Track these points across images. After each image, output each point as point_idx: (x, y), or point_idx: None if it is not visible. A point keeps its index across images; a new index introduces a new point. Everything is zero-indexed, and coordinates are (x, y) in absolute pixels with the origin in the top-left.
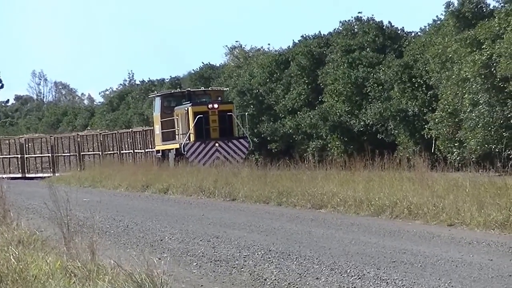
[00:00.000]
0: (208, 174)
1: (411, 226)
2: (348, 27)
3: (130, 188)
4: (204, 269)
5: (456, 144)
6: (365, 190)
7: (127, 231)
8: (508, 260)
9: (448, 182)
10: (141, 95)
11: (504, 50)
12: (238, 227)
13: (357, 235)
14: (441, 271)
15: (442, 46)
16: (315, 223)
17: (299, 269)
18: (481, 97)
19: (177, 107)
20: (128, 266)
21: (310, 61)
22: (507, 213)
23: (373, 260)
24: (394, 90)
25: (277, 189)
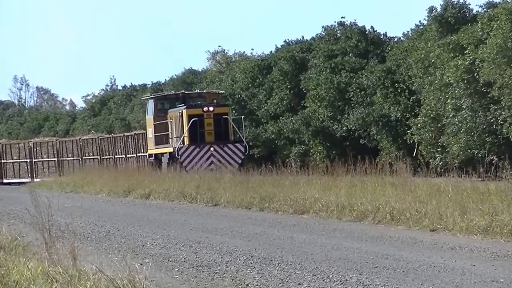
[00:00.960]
0: (190, 179)
1: (394, 232)
2: (331, 32)
3: (111, 194)
4: (186, 275)
5: (439, 149)
6: (348, 196)
7: (108, 236)
8: (491, 266)
9: (431, 188)
10: (123, 101)
11: (487, 55)
12: (220, 232)
13: (339, 241)
14: (423, 276)
15: (424, 51)
16: (298, 228)
17: (281, 275)
18: (464, 102)
19: (171, 109)
20: (110, 271)
21: (292, 66)
22: (490, 218)
23: (355, 266)
24: (377, 95)
25: (259, 194)
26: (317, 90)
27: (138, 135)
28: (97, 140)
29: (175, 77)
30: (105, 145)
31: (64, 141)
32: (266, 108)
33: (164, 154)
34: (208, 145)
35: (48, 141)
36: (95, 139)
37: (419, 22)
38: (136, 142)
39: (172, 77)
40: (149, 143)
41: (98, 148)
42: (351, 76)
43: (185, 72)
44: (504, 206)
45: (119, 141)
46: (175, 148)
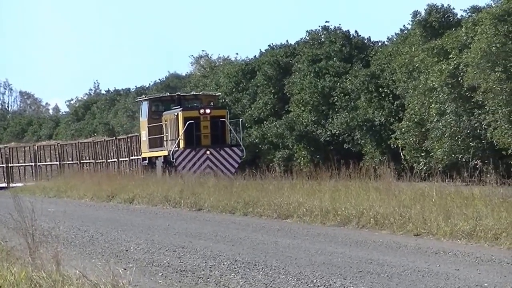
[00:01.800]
0: (174, 184)
1: (378, 236)
2: (315, 36)
3: (95, 198)
4: (170, 280)
5: (423, 154)
6: (332, 200)
7: (92, 241)
8: (475, 270)
9: (415, 192)
10: (106, 105)
11: (471, 59)
12: (204, 237)
13: (323, 245)
14: (407, 281)
15: (409, 55)
16: (281, 233)
17: (265, 279)
18: (448, 107)
19: (166, 112)
20: (93, 276)
21: (276, 70)
22: (474, 223)
23: (339, 270)
24: (361, 99)
25: (243, 199)
26: (301, 94)
27: (132, 138)
28: (79, 144)
29: (159, 82)
30: (98, 149)
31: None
32: (250, 112)
33: (159, 158)
34: (204, 148)
35: (24, 146)
36: (90, 143)
37: (403, 27)
38: (130, 145)
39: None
40: (142, 146)
41: (92, 151)
42: (335, 81)
43: (169, 76)
44: (488, 210)
45: (111, 145)
46: (170, 152)
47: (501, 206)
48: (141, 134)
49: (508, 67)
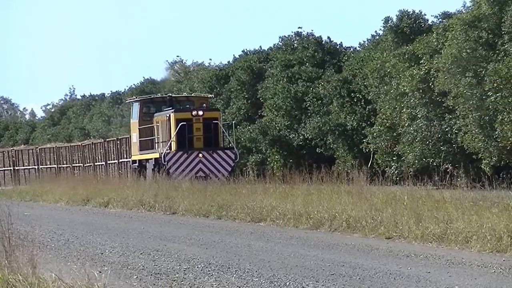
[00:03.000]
0: (148, 188)
1: (350, 239)
2: (288, 42)
3: (71, 202)
4: (145, 282)
5: (394, 158)
6: (304, 204)
7: (67, 244)
8: (446, 273)
9: (386, 196)
10: (81, 110)
11: (442, 65)
12: (178, 240)
13: (296, 248)
14: (379, 283)
15: (380, 61)
16: (255, 236)
17: (239, 282)
18: (419, 112)
19: (157, 113)
20: (69, 279)
21: (250, 76)
22: (445, 226)
23: (312, 273)
24: (333, 104)
25: (217, 202)
26: (274, 99)
27: (121, 140)
28: (69, 148)
29: (134, 87)
30: (86, 153)
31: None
32: (224, 117)
33: (149, 161)
34: (196, 151)
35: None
36: (78, 146)
37: (375, 33)
38: (119, 147)
39: (131, 87)
40: (133, 149)
41: (80, 155)
42: (308, 86)
43: (144, 81)
44: (458, 214)
45: (99, 148)
46: (161, 154)
47: (472, 209)
48: (132, 136)
49: (478, 72)
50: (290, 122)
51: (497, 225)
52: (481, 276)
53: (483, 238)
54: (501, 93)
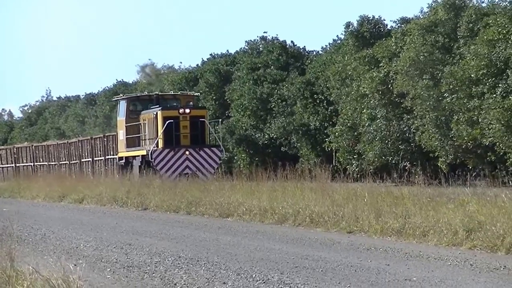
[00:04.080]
0: (121, 184)
1: (313, 233)
2: (254, 46)
3: (47, 199)
4: (118, 275)
5: (355, 156)
6: (269, 200)
7: (44, 239)
8: (404, 265)
9: (348, 192)
10: (57, 111)
11: (400, 67)
12: (150, 235)
13: (262, 242)
14: (341, 275)
15: (342, 64)
16: (222, 230)
17: (207, 274)
18: (379, 112)
19: (144, 111)
20: (45, 272)
21: (217, 78)
22: (403, 221)
23: (277, 266)
24: (297, 105)
25: (186, 199)
26: (240, 100)
27: (108, 137)
28: (77, 143)
29: (107, 89)
30: (72, 150)
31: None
32: None
33: (136, 157)
34: (183, 148)
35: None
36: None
37: (337, 37)
38: (106, 144)
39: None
40: (119, 146)
41: (66, 152)
42: (273, 88)
43: (116, 83)
44: (416, 209)
45: (86, 145)
46: (148, 151)
47: (429, 205)
48: (118, 134)
49: (435, 74)
50: (256, 122)
51: (453, 220)
52: (438, 269)
53: (440, 232)
54: (456, 95)
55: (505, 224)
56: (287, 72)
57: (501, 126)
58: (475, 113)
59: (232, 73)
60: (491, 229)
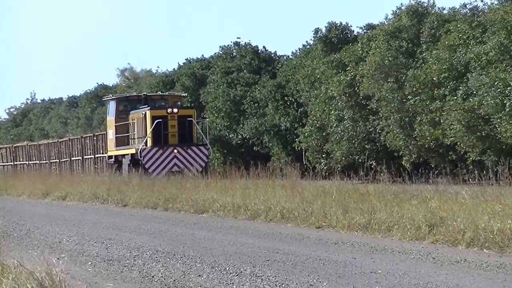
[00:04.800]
0: (101, 182)
1: (284, 229)
2: (228, 51)
3: (32, 196)
4: (98, 268)
5: (324, 155)
6: (242, 197)
7: (29, 234)
8: (370, 259)
9: (317, 189)
10: (41, 113)
11: (366, 71)
12: (129, 230)
13: (235, 237)
14: (310, 268)
15: (311, 68)
16: (198, 226)
17: (183, 267)
18: (346, 113)
19: (133, 111)
20: (30, 265)
21: (193, 81)
22: (369, 216)
23: (249, 259)
24: (269, 107)
25: (163, 196)
26: (215, 102)
27: (98, 136)
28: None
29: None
30: (62, 148)
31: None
32: None
33: (125, 156)
34: (171, 147)
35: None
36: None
37: (306, 42)
38: (96, 143)
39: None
40: (109, 145)
41: (57, 151)
42: (246, 90)
43: (97, 87)
44: (381, 205)
45: (76, 143)
46: (137, 150)
47: (393, 201)
48: (108, 133)
49: (399, 78)
50: (230, 123)
51: (416, 216)
52: (402, 262)
53: (404, 227)
54: (419, 97)
55: (465, 220)
56: (259, 75)
57: (461, 126)
58: (437, 114)
59: (207, 77)
60: (452, 224)
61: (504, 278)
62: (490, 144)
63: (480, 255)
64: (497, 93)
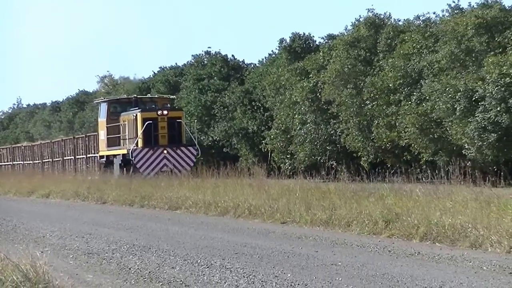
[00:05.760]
0: (82, 181)
1: (251, 224)
2: (199, 59)
3: (18, 194)
4: (79, 261)
5: (288, 156)
6: (213, 195)
7: (15, 229)
8: (331, 252)
9: (282, 188)
10: (27, 117)
11: (327, 78)
12: (108, 225)
13: (206, 232)
14: (275, 261)
15: (276, 75)
16: (172, 222)
17: (158, 260)
18: (309, 117)
19: (124, 113)
20: (15, 258)
21: (167, 87)
22: (330, 212)
23: (219, 252)
24: (237, 111)
25: (140, 194)
26: (188, 107)
27: (90, 137)
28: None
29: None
30: (55, 149)
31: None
32: None
33: (117, 156)
34: (161, 147)
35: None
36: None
37: (272, 51)
38: (87, 143)
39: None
40: (100, 145)
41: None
42: (216, 96)
43: (79, 92)
44: (341, 202)
45: (68, 144)
46: (129, 150)
47: (352, 199)
48: (99, 134)
49: (357, 84)
50: (201, 126)
51: (373, 212)
52: (360, 254)
53: (362, 223)
54: (376, 102)
55: (419, 215)
56: (228, 82)
57: (415, 129)
58: (393, 118)
59: (180, 83)
60: (407, 219)
61: (455, 269)
62: (442, 146)
63: (432, 248)
64: (448, 98)
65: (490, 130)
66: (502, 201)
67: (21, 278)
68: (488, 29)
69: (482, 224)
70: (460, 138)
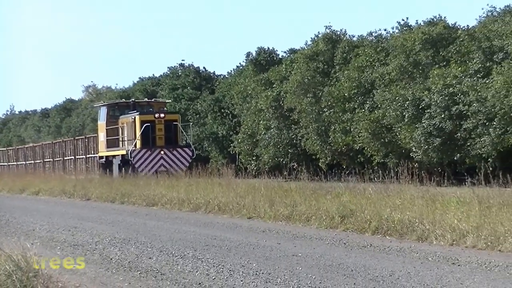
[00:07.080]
0: (68, 180)
1: (220, 219)
2: (174, 71)
3: (10, 191)
4: (65, 252)
5: (254, 158)
6: (186, 192)
7: (7, 223)
8: (292, 244)
9: (248, 186)
10: (19, 122)
11: (289, 88)
12: (91, 220)
13: (180, 226)
14: (242, 252)
15: (243, 85)
16: (149, 217)
17: (137, 251)
18: (272, 123)
19: (123, 116)
20: (8, 249)
21: (145, 96)
22: (291, 209)
23: (191, 244)
24: (208, 118)
25: (120, 191)
26: None
27: (89, 138)
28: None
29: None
30: (56, 149)
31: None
32: None
33: (116, 157)
34: (158, 148)
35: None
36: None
37: (239, 64)
38: (87, 144)
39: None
40: (100, 146)
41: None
42: (189, 104)
43: (66, 100)
44: (301, 200)
45: (69, 144)
46: (128, 151)
47: (311, 196)
48: (99, 135)
49: (316, 93)
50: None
51: (330, 208)
52: (318, 246)
53: (320, 218)
54: (333, 109)
55: (371, 212)
56: (200, 91)
57: (368, 134)
58: (348, 124)
59: (157, 92)
60: (360, 215)
61: (403, 260)
62: (392, 149)
63: (383, 241)
64: (398, 106)
65: (435, 135)
66: (446, 199)
67: (13, 267)
68: (433, 44)
69: (428, 219)
70: (408, 142)
